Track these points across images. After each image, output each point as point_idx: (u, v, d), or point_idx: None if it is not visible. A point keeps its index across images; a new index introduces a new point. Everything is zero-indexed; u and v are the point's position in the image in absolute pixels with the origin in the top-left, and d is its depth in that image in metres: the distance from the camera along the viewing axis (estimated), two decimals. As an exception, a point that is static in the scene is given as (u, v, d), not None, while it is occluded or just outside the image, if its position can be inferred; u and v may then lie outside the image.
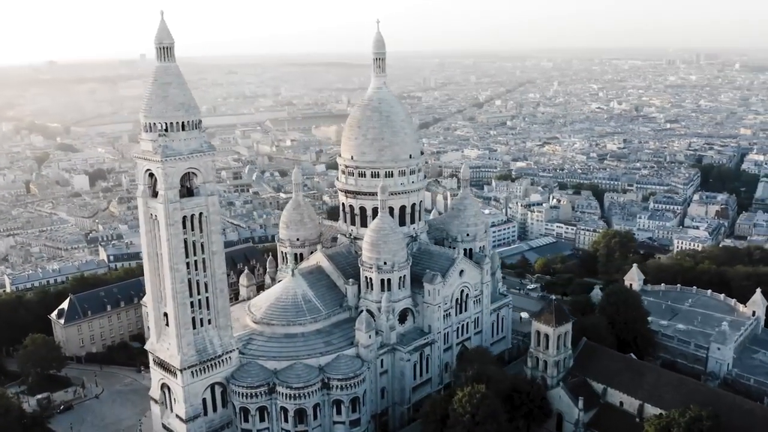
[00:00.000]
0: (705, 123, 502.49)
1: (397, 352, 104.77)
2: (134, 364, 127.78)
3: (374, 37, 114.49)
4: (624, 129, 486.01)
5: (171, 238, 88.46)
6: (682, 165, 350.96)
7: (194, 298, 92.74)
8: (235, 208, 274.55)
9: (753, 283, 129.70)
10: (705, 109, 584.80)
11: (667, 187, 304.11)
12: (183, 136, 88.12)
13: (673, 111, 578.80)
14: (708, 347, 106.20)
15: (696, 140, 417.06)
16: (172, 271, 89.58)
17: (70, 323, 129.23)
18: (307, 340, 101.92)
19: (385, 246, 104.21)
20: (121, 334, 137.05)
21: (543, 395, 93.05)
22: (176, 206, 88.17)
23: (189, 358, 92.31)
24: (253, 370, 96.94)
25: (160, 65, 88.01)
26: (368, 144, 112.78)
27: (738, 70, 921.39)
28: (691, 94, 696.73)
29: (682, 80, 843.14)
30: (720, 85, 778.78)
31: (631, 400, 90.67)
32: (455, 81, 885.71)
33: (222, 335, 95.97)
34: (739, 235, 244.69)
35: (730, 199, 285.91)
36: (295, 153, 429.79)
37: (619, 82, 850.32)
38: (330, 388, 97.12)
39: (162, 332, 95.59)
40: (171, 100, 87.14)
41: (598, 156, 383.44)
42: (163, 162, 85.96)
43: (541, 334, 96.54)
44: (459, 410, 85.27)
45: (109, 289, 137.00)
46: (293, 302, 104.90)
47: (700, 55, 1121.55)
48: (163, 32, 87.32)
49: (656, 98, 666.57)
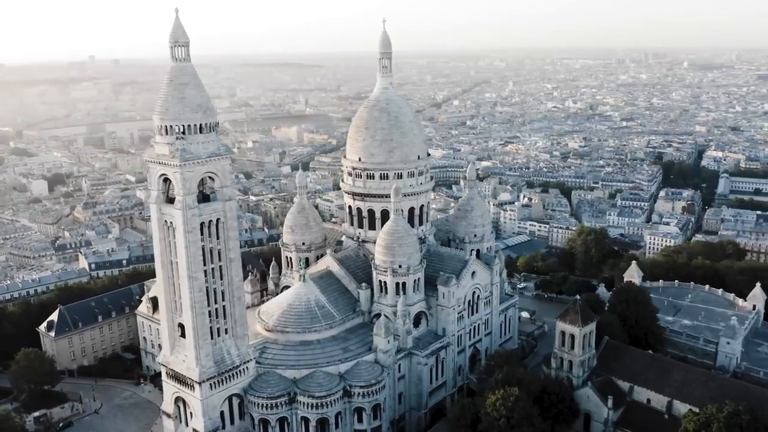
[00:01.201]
0: (659, 121, 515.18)
1: (414, 357, 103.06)
2: (131, 376, 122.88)
3: (380, 36, 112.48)
4: (582, 127, 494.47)
5: (189, 245, 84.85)
6: (643, 162, 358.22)
7: (211, 308, 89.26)
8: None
9: (748, 277, 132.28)
10: (658, 107, 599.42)
11: (631, 184, 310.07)
12: (201, 138, 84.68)
13: (628, 109, 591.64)
14: (717, 342, 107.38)
15: (655, 138, 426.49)
16: (190, 280, 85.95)
17: (61, 335, 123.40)
18: (324, 347, 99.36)
19: (400, 249, 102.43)
20: (112, 345, 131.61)
21: (570, 396, 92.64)
22: (194, 212, 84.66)
23: (207, 370, 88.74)
24: (272, 380, 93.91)
25: (175, 65, 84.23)
26: (377, 145, 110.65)
27: (686, 68, 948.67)
28: (643, 92, 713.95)
29: (633, 79, 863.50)
30: (670, 83, 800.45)
31: (659, 397, 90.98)
32: (411, 81, 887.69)
33: (239, 345, 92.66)
34: (708, 230, 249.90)
35: (696, 195, 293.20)
36: (257, 155, 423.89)
37: (572, 82, 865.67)
38: (351, 396, 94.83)
39: (176, 344, 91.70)
40: (188, 101, 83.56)
41: (561, 154, 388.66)
42: (182, 166, 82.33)
43: (566, 334, 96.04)
44: (493, 414, 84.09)
45: (100, 299, 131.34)
46: (307, 308, 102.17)
47: (648, 54, 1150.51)
48: (178, 31, 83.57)
49: (610, 97, 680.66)
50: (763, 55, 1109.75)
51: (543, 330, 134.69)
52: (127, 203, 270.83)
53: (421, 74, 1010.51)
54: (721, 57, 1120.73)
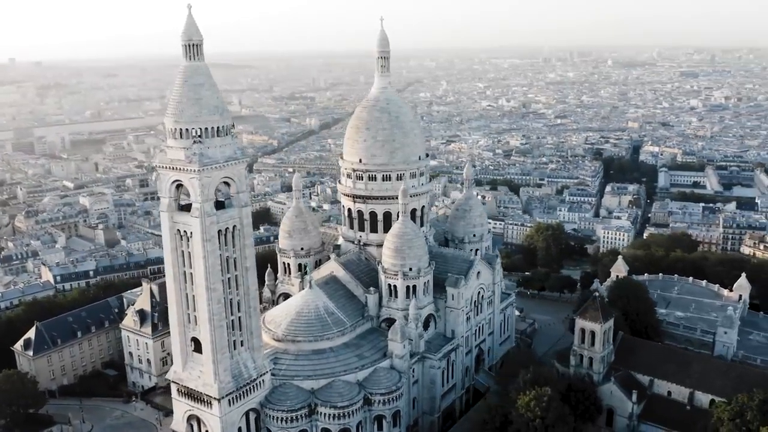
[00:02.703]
0: (591, 117, 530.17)
1: (427, 360, 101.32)
2: (118, 394, 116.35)
3: (378, 35, 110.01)
4: (518, 125, 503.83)
5: (208, 255, 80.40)
6: (584, 158, 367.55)
7: (227, 319, 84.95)
8: (154, 217, 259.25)
9: (726, 268, 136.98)
10: (588, 104, 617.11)
11: (576, 180, 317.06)
12: (218, 142, 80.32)
13: (559, 107, 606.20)
14: (714, 332, 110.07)
15: (592, 134, 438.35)
16: (208, 291, 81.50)
17: (40, 354, 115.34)
18: (338, 355, 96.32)
19: (410, 251, 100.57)
20: (93, 362, 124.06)
21: (594, 392, 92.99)
22: (213, 220, 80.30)
23: (226, 386, 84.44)
24: (291, 392, 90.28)
25: (189, 65, 79.49)
26: (379, 146, 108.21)
27: (611, 66, 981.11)
28: (572, 90, 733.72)
29: (561, 77, 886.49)
30: (597, 81, 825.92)
31: (680, 389, 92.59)
32: (345, 81, 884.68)
33: (255, 357, 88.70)
34: (657, 223, 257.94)
35: (641, 189, 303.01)
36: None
37: (503, 81, 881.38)
38: (371, 404, 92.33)
39: (189, 359, 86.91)
40: (205, 102, 79.07)
41: (504, 152, 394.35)
42: (200, 171, 77.82)
43: (587, 331, 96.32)
44: (528, 415, 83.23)
45: (77, 313, 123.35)
46: (317, 316, 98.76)
47: (573, 53, 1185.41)
48: (191, 28, 78.91)
49: (541, 95, 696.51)
50: (683, 53, 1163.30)
51: (534, 327, 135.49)
52: (70, 211, 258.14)
53: (355, 74, 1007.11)
54: (643, 55, 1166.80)
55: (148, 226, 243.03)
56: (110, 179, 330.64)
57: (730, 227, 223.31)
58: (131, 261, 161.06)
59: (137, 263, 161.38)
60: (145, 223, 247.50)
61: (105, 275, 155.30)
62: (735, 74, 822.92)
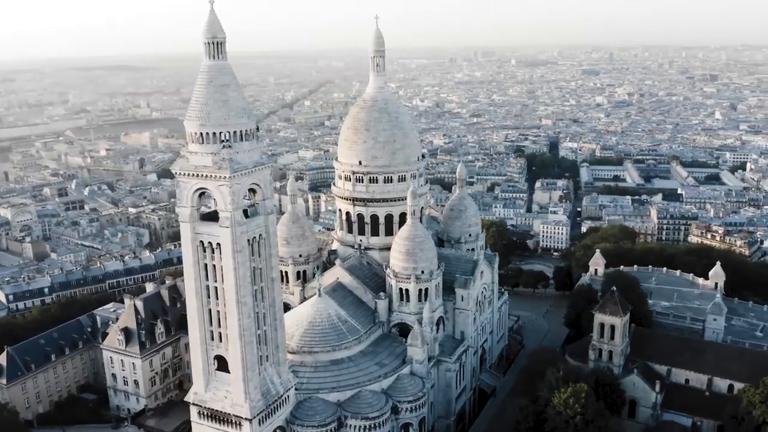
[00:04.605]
0: (505, 116, 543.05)
1: (443, 364, 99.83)
2: (103, 419, 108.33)
3: (373, 33, 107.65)
4: (437, 125, 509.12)
5: (238, 266, 75.46)
6: (508, 156, 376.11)
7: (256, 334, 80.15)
8: (82, 228, 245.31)
9: (694, 257, 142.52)
10: (499, 103, 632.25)
11: (504, 177, 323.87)
12: (246, 146, 75.53)
13: (472, 106, 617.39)
14: (704, 319, 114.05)
15: (511, 132, 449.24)
16: (239, 305, 76.57)
17: (14, 381, 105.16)
18: (358, 364, 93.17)
19: (422, 254, 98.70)
20: (68, 386, 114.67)
21: (618, 385, 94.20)
22: (243, 229, 75.41)
23: (257, 404, 79.67)
24: (318, 406, 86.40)
25: (213, 63, 74.30)
26: (380, 147, 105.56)
27: (515, 65, 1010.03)
28: (482, 89, 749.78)
29: (469, 77, 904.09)
30: (504, 80, 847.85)
31: (698, 376, 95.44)
32: (254, 82, 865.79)
33: (281, 372, 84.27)
34: (590, 216, 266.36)
35: (569, 185, 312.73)
36: (115, 163, 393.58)
37: (413, 81, 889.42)
38: (398, 413, 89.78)
39: (212, 379, 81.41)
40: (232, 104, 74.12)
41: (429, 151, 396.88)
42: (232, 178, 72.85)
43: (606, 325, 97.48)
44: (567, 412, 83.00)
45: (49, 335, 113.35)
46: (331, 325, 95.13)
47: (478, 53, 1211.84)
48: (215, 25, 73.85)
49: (452, 94, 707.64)
50: (582, 51, 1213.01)
51: (519, 324, 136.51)
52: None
53: (263, 75, 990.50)
54: (544, 54, 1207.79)
55: (77, 237, 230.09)
56: (26, 189, 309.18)
57: (665, 218, 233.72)
58: (89, 276, 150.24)
59: (95, 278, 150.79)
60: (74, 234, 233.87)
61: (61, 292, 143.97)
62: (633, 71, 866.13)
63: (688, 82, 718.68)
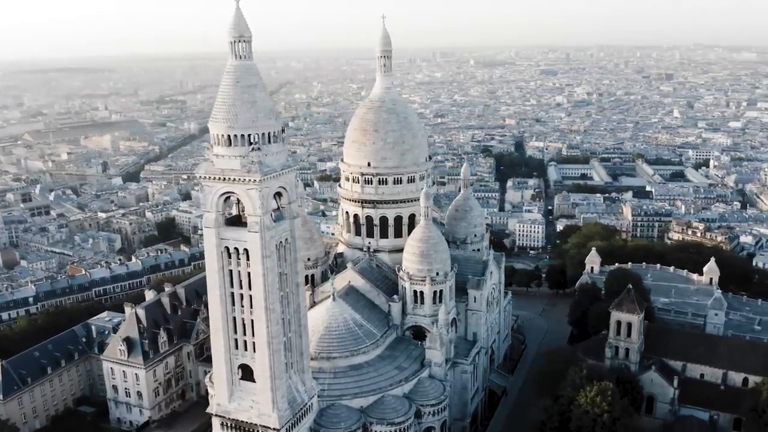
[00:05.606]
0: (468, 116, 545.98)
1: (459, 366, 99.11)
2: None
3: (380, 33, 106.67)
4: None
5: (267, 272, 73.19)
6: (476, 155, 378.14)
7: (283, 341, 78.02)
8: (51, 234, 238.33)
9: (686, 254, 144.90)
10: (461, 103, 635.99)
11: (475, 177, 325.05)
12: (274, 149, 73.42)
13: (435, 106, 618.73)
14: (705, 315, 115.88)
15: (477, 132, 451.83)
16: (267, 312, 74.31)
17: (10, 396, 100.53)
18: (378, 369, 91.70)
19: (437, 255, 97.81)
20: (64, 399, 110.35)
21: (637, 381, 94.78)
22: (272, 234, 73.27)
23: (285, 414, 77.55)
24: (342, 413, 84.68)
25: (239, 63, 72.08)
26: (389, 148, 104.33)
27: (473, 66, 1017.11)
28: (443, 89, 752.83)
29: (429, 77, 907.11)
30: (464, 80, 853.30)
31: (713, 370, 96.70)
32: (214, 84, 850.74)
33: (305, 379, 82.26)
34: (564, 214, 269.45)
35: (541, 183, 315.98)
36: (77, 167, 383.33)
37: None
38: (421, 417, 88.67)
39: (236, 389, 78.95)
40: (261, 106, 71.98)
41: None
42: (262, 181, 70.69)
43: (623, 323, 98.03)
44: (595, 411, 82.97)
45: (43, 347, 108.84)
46: (347, 329, 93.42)
47: (436, 54, 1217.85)
48: (241, 24, 71.60)
49: (414, 95, 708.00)
50: (539, 52, 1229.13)
51: (518, 323, 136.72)
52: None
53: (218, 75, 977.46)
54: (502, 54, 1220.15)
55: (47, 244, 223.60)
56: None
57: (639, 215, 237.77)
58: (74, 284, 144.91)
59: (81, 285, 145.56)
60: (43, 240, 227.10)
61: (47, 301, 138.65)
62: (590, 71, 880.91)
63: (644, 81, 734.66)
